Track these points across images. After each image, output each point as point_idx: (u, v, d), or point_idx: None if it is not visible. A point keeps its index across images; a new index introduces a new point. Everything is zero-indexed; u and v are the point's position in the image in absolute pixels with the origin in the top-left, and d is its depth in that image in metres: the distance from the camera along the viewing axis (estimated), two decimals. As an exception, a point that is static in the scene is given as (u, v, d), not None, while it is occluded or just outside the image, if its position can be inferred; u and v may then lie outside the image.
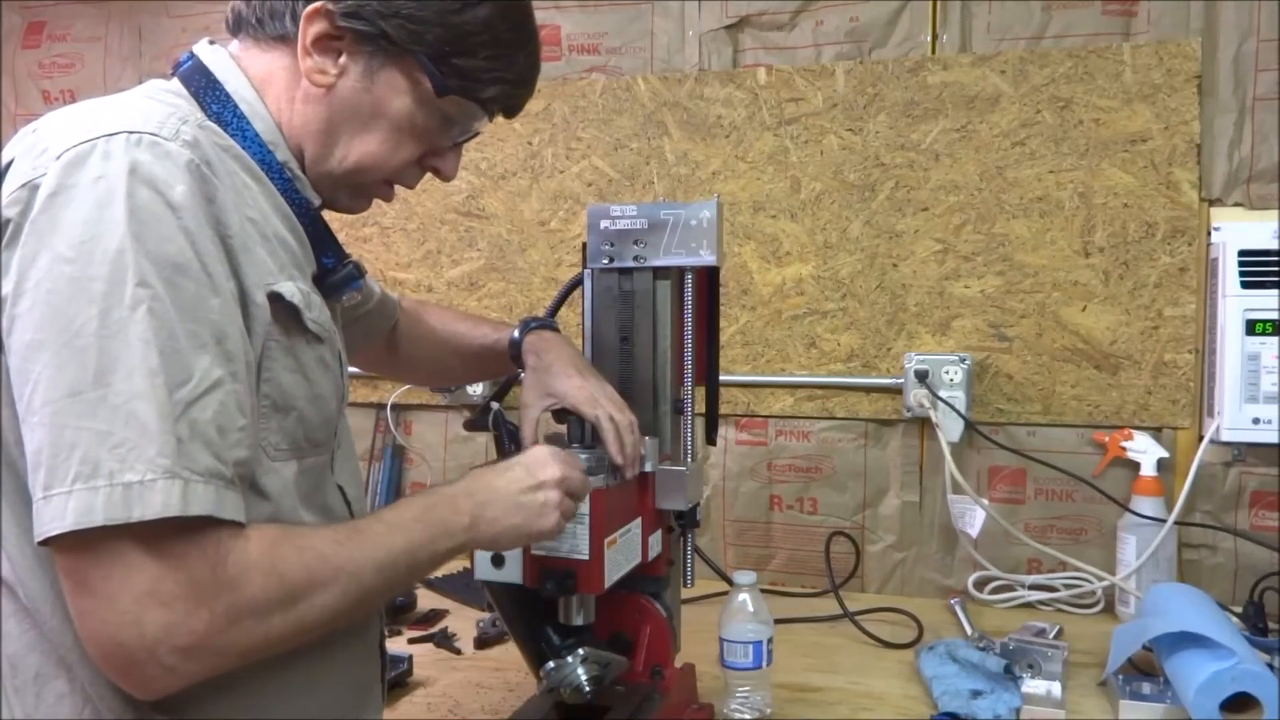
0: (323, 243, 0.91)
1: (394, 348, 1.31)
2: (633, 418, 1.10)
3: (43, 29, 2.25)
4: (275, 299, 0.80)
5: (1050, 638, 1.46)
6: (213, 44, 0.90)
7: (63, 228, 0.70)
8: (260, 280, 0.79)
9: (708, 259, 1.17)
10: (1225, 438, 1.62)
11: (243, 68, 0.88)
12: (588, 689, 1.06)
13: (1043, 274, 1.71)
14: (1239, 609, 1.53)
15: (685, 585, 1.26)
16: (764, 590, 1.41)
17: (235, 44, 0.90)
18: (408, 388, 2.01)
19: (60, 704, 0.76)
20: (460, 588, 1.77)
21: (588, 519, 1.01)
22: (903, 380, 1.75)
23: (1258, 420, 1.60)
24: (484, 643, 1.54)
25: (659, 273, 1.20)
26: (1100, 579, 1.65)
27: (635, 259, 1.19)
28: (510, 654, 1.42)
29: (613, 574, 1.05)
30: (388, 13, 0.84)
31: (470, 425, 1.31)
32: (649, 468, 1.14)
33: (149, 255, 0.70)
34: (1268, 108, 1.63)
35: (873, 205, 1.78)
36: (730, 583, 1.31)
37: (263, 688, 0.82)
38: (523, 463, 0.94)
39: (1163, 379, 1.68)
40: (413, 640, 1.55)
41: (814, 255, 1.82)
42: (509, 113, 0.96)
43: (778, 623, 1.28)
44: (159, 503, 0.67)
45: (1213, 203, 1.65)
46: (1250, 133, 1.63)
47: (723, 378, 1.72)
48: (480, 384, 1.94)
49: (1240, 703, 1.14)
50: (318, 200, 0.91)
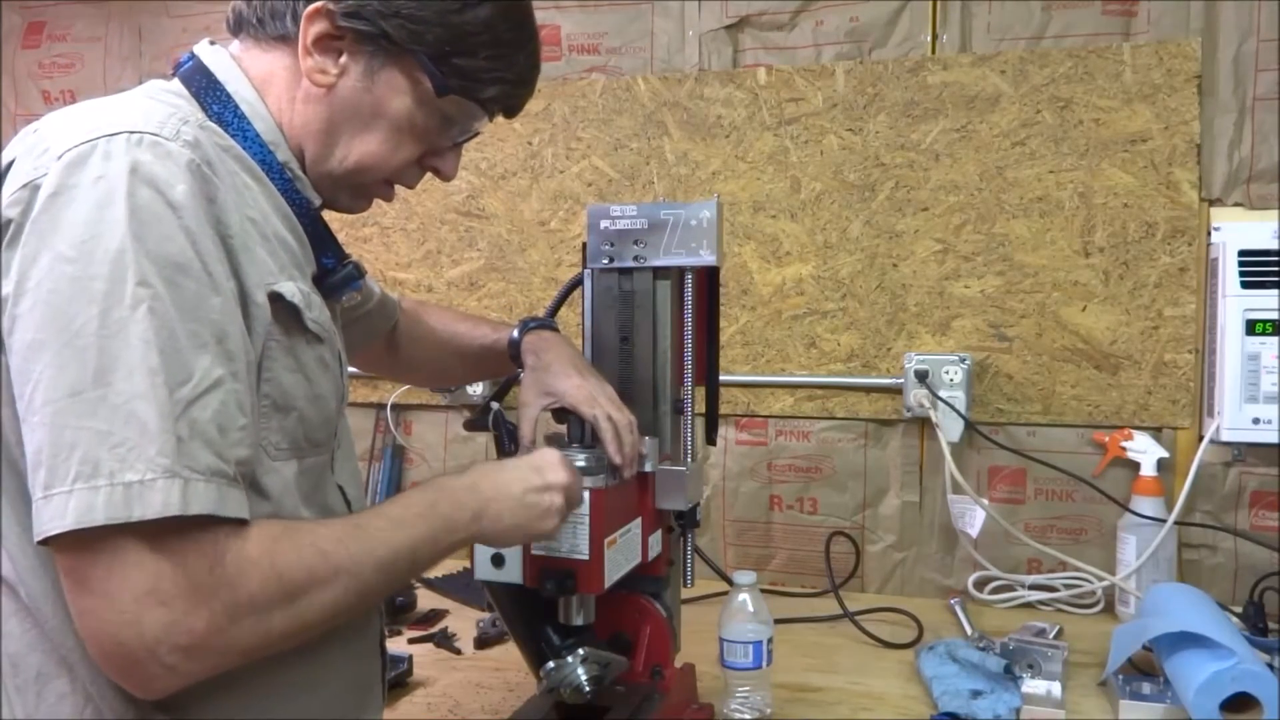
0: (323, 243, 0.91)
1: (394, 348, 1.31)
2: (632, 417, 1.10)
3: (43, 29, 2.25)
4: (275, 299, 0.80)
5: (1050, 638, 1.46)
6: (214, 44, 0.90)
7: (64, 227, 0.70)
8: (261, 280, 0.79)
9: (708, 259, 1.17)
10: (1225, 438, 1.62)
11: (243, 68, 0.88)
12: (588, 689, 1.06)
13: (1043, 274, 1.71)
14: (1239, 609, 1.53)
15: (685, 585, 1.26)
16: (764, 590, 1.41)
17: (236, 44, 0.90)
18: (408, 388, 2.01)
19: (61, 703, 0.76)
20: (460, 588, 1.77)
21: (588, 519, 1.01)
22: (903, 380, 1.75)
23: (1258, 420, 1.60)
24: (484, 643, 1.54)
25: (659, 273, 1.20)
26: (1100, 579, 1.65)
27: (635, 259, 1.19)
28: (510, 654, 1.42)
29: (613, 574, 1.05)
30: (388, 13, 0.84)
31: (470, 425, 1.31)
32: (649, 468, 1.14)
33: (150, 255, 0.70)
34: (1268, 108, 1.63)
35: (873, 205, 1.78)
36: (730, 583, 1.31)
37: (263, 687, 0.82)
38: (532, 464, 0.94)
39: (1163, 379, 1.68)
40: (413, 640, 1.55)
41: (814, 255, 1.82)
42: (509, 113, 0.96)
43: (778, 623, 1.28)
44: (159, 502, 0.67)
45: (1213, 203, 1.65)
46: (1250, 133, 1.64)
47: (723, 378, 1.72)
48: (480, 384, 1.94)
49: (1240, 703, 1.15)
50: (318, 200, 0.92)
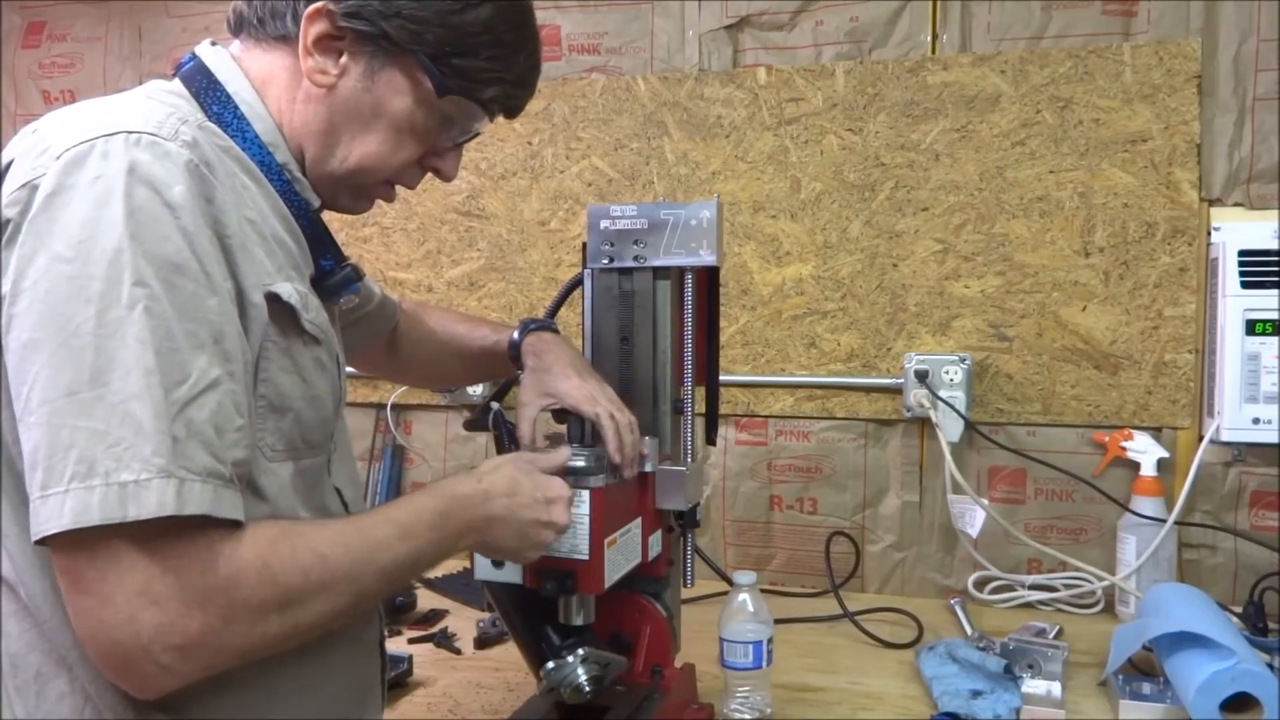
0: (321, 245, 0.91)
1: (394, 349, 1.31)
2: (632, 417, 1.10)
3: (43, 29, 2.25)
4: (273, 299, 0.80)
5: (1050, 638, 1.46)
6: (214, 45, 0.90)
7: (61, 227, 0.70)
8: (258, 281, 0.79)
9: (708, 259, 1.17)
10: (1225, 438, 1.62)
11: (244, 68, 0.88)
12: (588, 689, 1.06)
13: (1043, 274, 1.71)
14: (1239, 609, 1.53)
15: (685, 585, 1.26)
16: (764, 590, 1.41)
17: (236, 44, 0.90)
18: (407, 388, 2.01)
19: (61, 703, 0.76)
20: (460, 588, 1.77)
21: (587, 519, 1.01)
22: (903, 380, 1.75)
23: (1258, 420, 1.60)
24: (484, 643, 1.54)
25: (659, 273, 1.20)
26: (1100, 579, 1.64)
27: (635, 259, 1.19)
28: (510, 654, 1.42)
29: (613, 574, 1.05)
30: (388, 13, 0.84)
31: (470, 425, 1.31)
32: (649, 468, 1.14)
33: (147, 255, 0.70)
34: (1268, 108, 1.63)
35: (873, 205, 1.78)
36: (730, 583, 1.31)
37: (263, 687, 0.82)
38: (546, 495, 0.94)
39: (1163, 379, 1.68)
40: (413, 640, 1.55)
41: (814, 255, 1.82)
42: (509, 113, 0.96)
43: (778, 623, 1.28)
44: (154, 502, 0.67)
45: (1213, 203, 1.65)
46: (1250, 133, 1.63)
47: (723, 378, 1.72)
48: (480, 384, 1.94)
49: (1240, 703, 1.14)
50: (317, 202, 0.92)
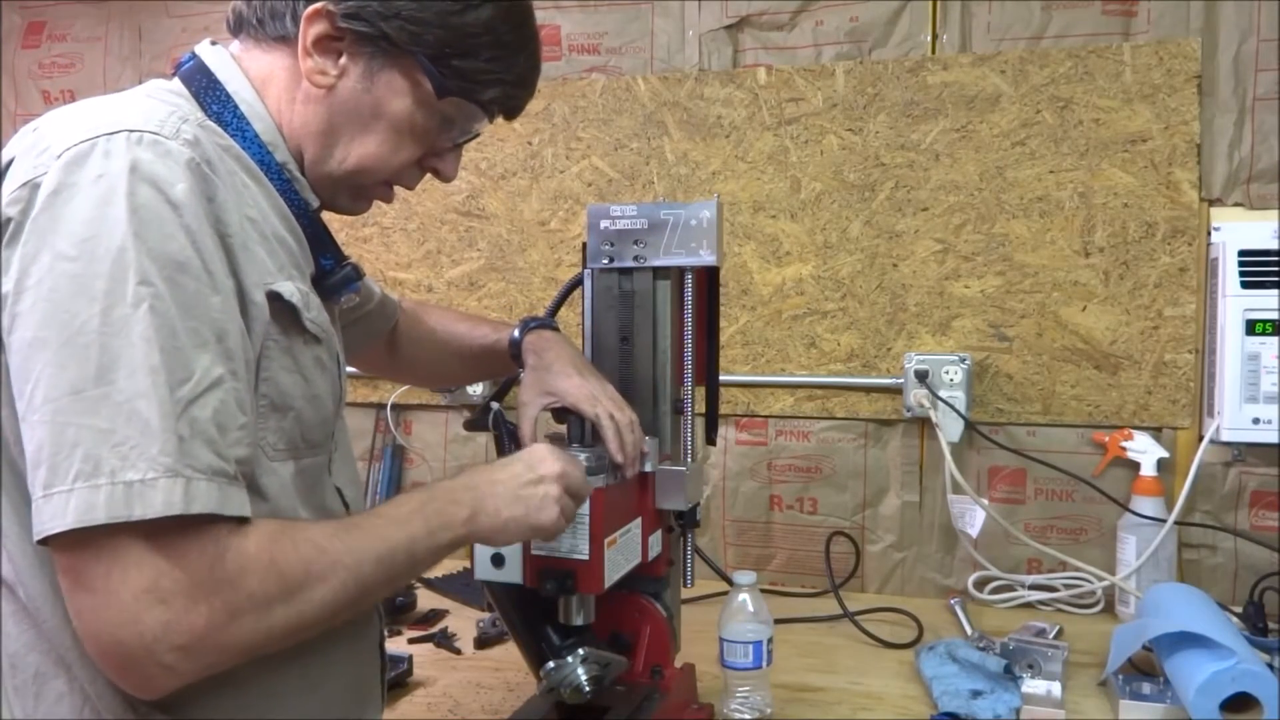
0: (321, 244, 0.92)
1: (394, 349, 1.31)
2: (633, 416, 1.10)
3: (43, 29, 2.25)
4: (274, 298, 0.80)
5: (1050, 638, 1.46)
6: (214, 44, 0.90)
7: (64, 226, 0.70)
8: (259, 279, 0.79)
9: (708, 259, 1.17)
10: (1225, 438, 1.62)
11: (243, 68, 0.88)
12: (588, 689, 1.06)
13: (1043, 274, 1.71)
14: (1239, 609, 1.53)
15: (685, 585, 1.26)
16: (764, 590, 1.41)
17: (236, 44, 0.90)
18: (407, 388, 2.01)
19: (60, 703, 0.76)
20: (460, 588, 1.77)
21: (588, 519, 1.01)
22: (903, 380, 1.75)
23: (1258, 420, 1.60)
24: (484, 643, 1.54)
25: (659, 273, 1.20)
26: (1100, 579, 1.65)
27: (635, 259, 1.19)
28: (510, 654, 1.42)
29: (613, 574, 1.05)
30: (388, 14, 0.84)
31: (470, 425, 1.31)
32: (649, 468, 1.14)
33: (150, 253, 0.70)
34: (1268, 108, 1.63)
35: (873, 205, 1.78)
36: (730, 583, 1.31)
37: (263, 687, 0.82)
38: (523, 458, 0.94)
39: (1163, 379, 1.68)
40: (413, 640, 1.55)
41: (814, 255, 1.82)
42: (509, 114, 0.96)
43: (778, 623, 1.28)
44: (160, 501, 0.67)
45: (1213, 203, 1.65)
46: (1250, 133, 1.64)
47: (723, 378, 1.72)
48: (480, 384, 1.94)
49: (1240, 703, 1.14)
50: (316, 202, 0.92)
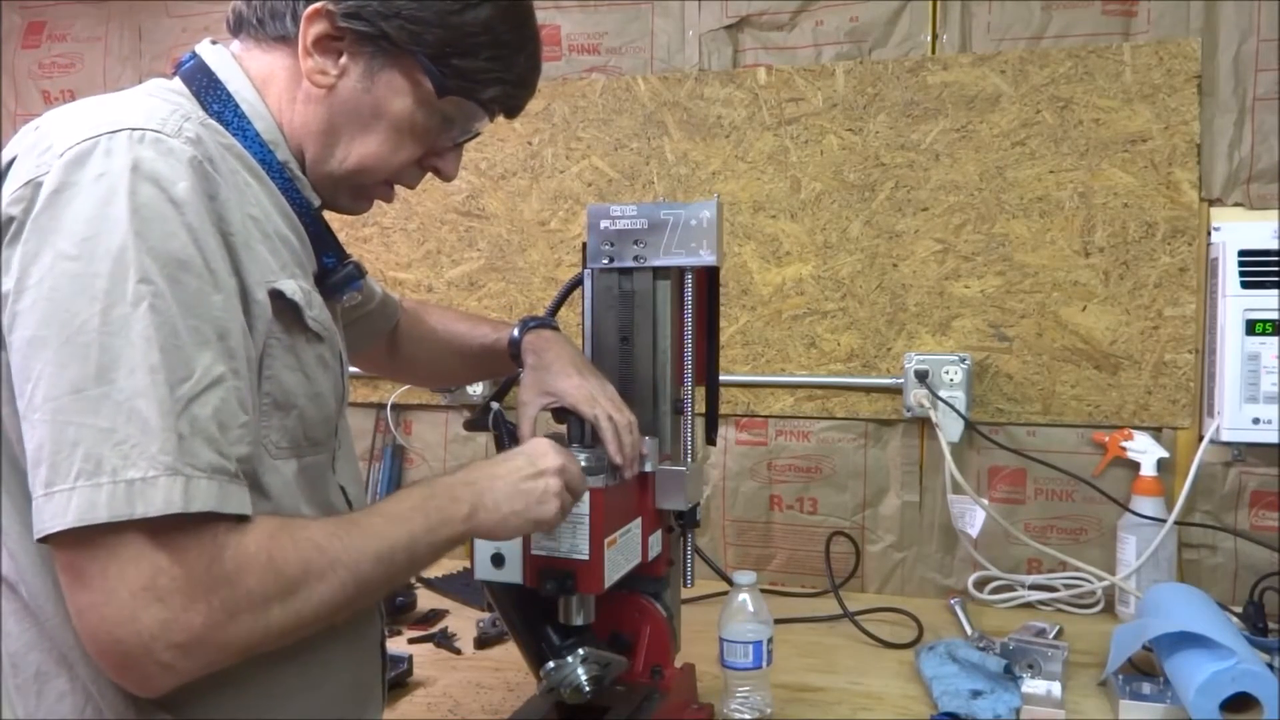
0: (323, 243, 0.92)
1: (395, 348, 1.31)
2: (632, 417, 1.10)
3: (43, 29, 2.25)
4: (276, 296, 0.80)
5: (1050, 638, 1.46)
6: (215, 44, 0.90)
7: (65, 225, 0.70)
8: (262, 278, 0.79)
9: (708, 259, 1.17)
10: (1225, 438, 1.62)
11: (244, 68, 0.88)
12: (588, 689, 1.06)
13: (1043, 274, 1.71)
14: (1239, 609, 1.53)
15: (685, 585, 1.26)
16: (764, 590, 1.41)
17: (237, 44, 0.90)
18: (407, 388, 2.01)
19: (61, 702, 0.76)
20: (460, 588, 1.77)
21: (587, 519, 1.01)
22: (903, 380, 1.75)
23: (1258, 420, 1.60)
24: (484, 643, 1.54)
25: (659, 273, 1.20)
26: (1100, 579, 1.65)
27: (635, 259, 1.19)
28: (510, 654, 1.42)
29: (613, 574, 1.05)
30: (388, 13, 0.84)
31: (470, 425, 1.31)
32: (649, 468, 1.14)
33: (151, 252, 0.70)
34: (1268, 108, 1.63)
35: (873, 205, 1.78)
36: (730, 583, 1.31)
37: (263, 687, 0.82)
38: (524, 452, 0.94)
39: (1163, 379, 1.68)
40: (413, 640, 1.55)
41: (814, 255, 1.82)
42: (510, 113, 0.96)
43: (778, 623, 1.28)
44: (161, 499, 0.67)
45: (1213, 203, 1.65)
46: (1250, 133, 1.64)
47: (723, 378, 1.72)
48: (480, 384, 1.94)
49: (1240, 703, 1.15)
50: (317, 201, 0.92)
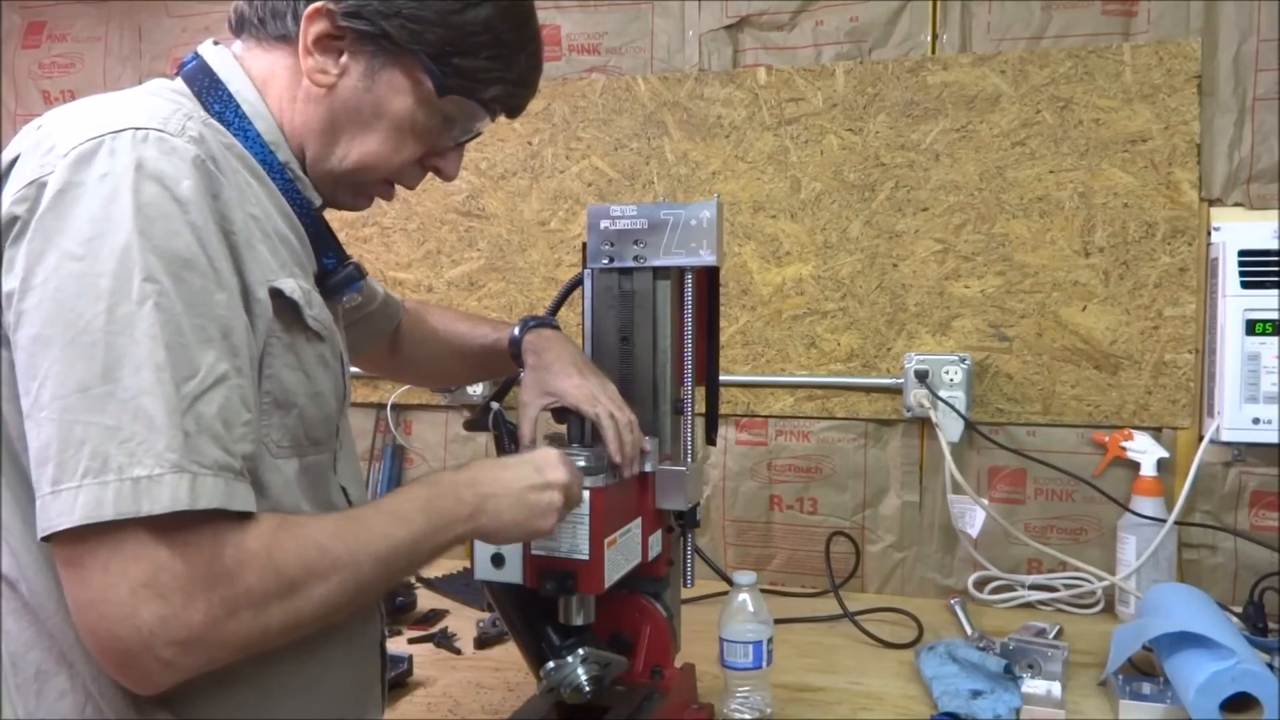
0: (324, 243, 0.92)
1: (396, 349, 1.31)
2: (632, 416, 1.10)
3: (43, 29, 2.25)
4: (276, 295, 0.80)
5: (1050, 638, 1.46)
6: (217, 44, 0.90)
7: (70, 225, 0.70)
8: (262, 277, 0.79)
9: (708, 259, 1.18)
10: (1225, 438, 1.62)
11: (245, 68, 0.88)
12: (588, 689, 1.06)
13: (1043, 274, 1.71)
14: (1239, 609, 1.53)
15: (685, 585, 1.26)
16: (764, 590, 1.41)
17: (238, 44, 0.90)
18: (408, 388, 2.01)
19: (61, 701, 0.76)
20: (460, 588, 1.77)
21: (588, 519, 1.01)
22: (903, 380, 1.75)
23: (1258, 420, 1.60)
24: (484, 643, 1.54)
25: (659, 273, 1.20)
26: (1100, 579, 1.65)
27: (635, 259, 1.19)
28: (510, 654, 1.42)
29: (613, 574, 1.05)
30: (389, 12, 0.84)
31: (470, 425, 1.31)
32: (649, 467, 1.14)
33: (155, 250, 0.70)
34: (1268, 108, 1.63)
35: (873, 205, 1.78)
36: (730, 583, 1.31)
37: (263, 686, 0.82)
38: (532, 461, 0.95)
39: (1163, 379, 1.68)
40: (413, 640, 1.55)
41: (814, 255, 1.82)
42: (511, 113, 0.96)
43: (778, 623, 1.28)
44: (168, 497, 0.67)
45: (1213, 203, 1.65)
46: (1250, 133, 1.64)
47: (723, 378, 1.72)
48: (480, 384, 1.94)
49: (1240, 703, 1.15)
50: (318, 200, 0.92)
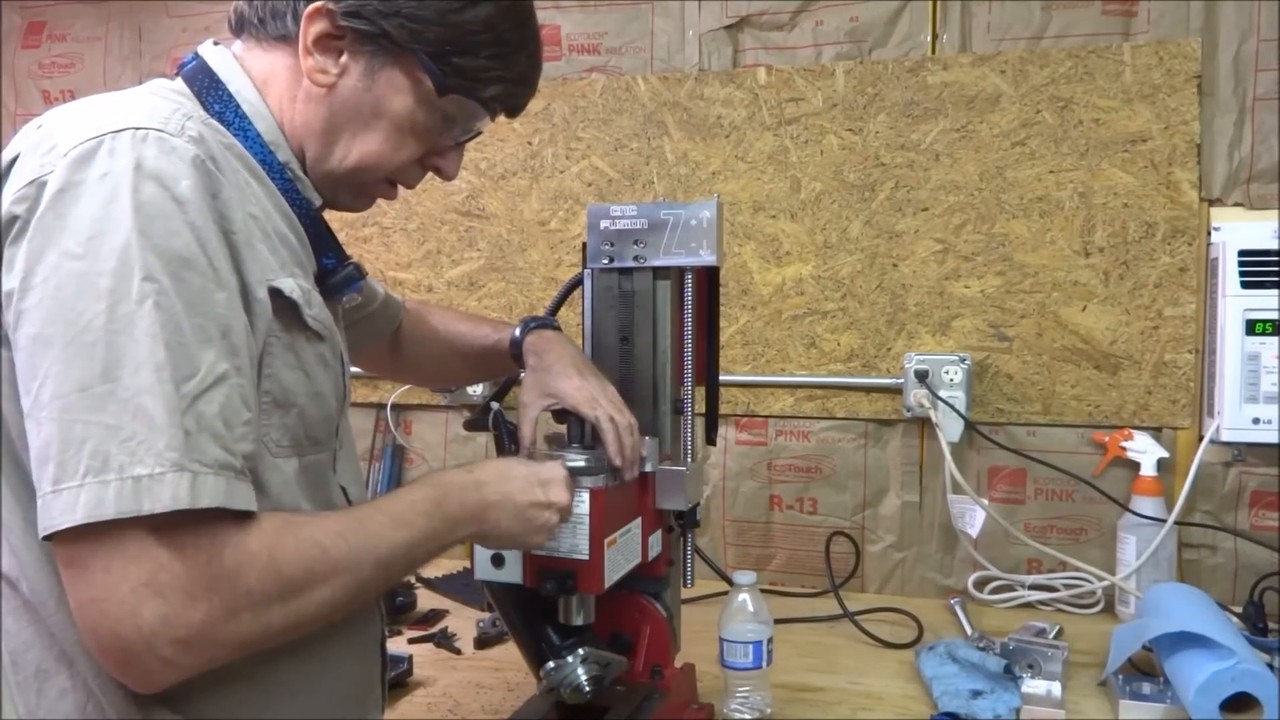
0: (324, 243, 0.92)
1: (397, 349, 1.31)
2: (633, 419, 1.10)
3: (43, 29, 2.25)
4: (276, 295, 0.80)
5: (1050, 638, 1.46)
6: (217, 44, 0.90)
7: (70, 224, 0.70)
8: (262, 276, 0.79)
9: (708, 259, 1.17)
10: (1225, 438, 1.62)
11: (245, 68, 0.88)
12: (588, 689, 1.06)
13: (1043, 274, 1.71)
14: (1239, 609, 1.53)
15: (685, 585, 1.26)
16: (764, 590, 1.41)
17: (239, 44, 0.90)
18: (408, 388, 2.01)
19: (62, 700, 0.76)
20: (460, 588, 1.77)
21: (588, 519, 1.01)
22: (903, 380, 1.75)
23: (1258, 420, 1.60)
24: (484, 643, 1.54)
25: (659, 273, 1.20)
26: (1100, 579, 1.65)
27: (635, 259, 1.19)
28: (510, 654, 1.42)
29: (613, 574, 1.05)
30: (389, 12, 0.84)
31: (470, 425, 1.31)
32: (649, 468, 1.14)
33: (155, 250, 0.70)
34: (1268, 108, 1.63)
35: (873, 205, 1.78)
36: (730, 583, 1.31)
37: (264, 685, 0.82)
38: (540, 476, 0.95)
39: (1163, 379, 1.68)
40: (413, 640, 1.55)
41: (814, 255, 1.82)
42: (511, 112, 0.96)
43: (778, 623, 1.28)
44: (168, 496, 0.67)
45: (1213, 203, 1.65)
46: (1250, 133, 1.64)
47: (723, 378, 1.72)
48: (480, 384, 1.94)
49: (1240, 703, 1.15)
50: (319, 201, 0.92)
